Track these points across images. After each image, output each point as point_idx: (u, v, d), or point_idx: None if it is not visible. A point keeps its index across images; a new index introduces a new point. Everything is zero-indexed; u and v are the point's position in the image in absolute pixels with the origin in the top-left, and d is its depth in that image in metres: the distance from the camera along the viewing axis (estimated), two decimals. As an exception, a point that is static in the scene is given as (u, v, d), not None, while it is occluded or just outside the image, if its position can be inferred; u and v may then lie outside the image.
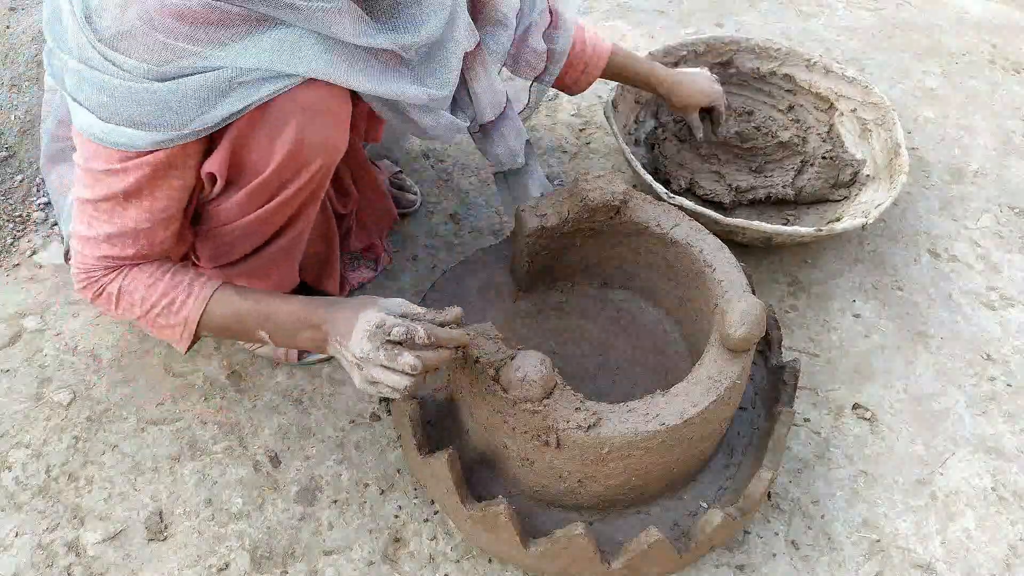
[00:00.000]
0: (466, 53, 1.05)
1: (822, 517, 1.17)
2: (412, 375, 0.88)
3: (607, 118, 1.49)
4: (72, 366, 1.28)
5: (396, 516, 1.14)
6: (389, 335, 0.88)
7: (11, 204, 1.52)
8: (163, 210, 0.93)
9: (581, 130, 1.78)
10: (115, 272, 0.96)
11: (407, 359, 0.87)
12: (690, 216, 1.30)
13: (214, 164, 0.92)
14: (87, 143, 0.87)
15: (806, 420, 1.28)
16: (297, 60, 0.84)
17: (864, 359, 1.38)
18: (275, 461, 1.19)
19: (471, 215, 1.56)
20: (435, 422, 1.14)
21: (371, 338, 0.88)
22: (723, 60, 1.70)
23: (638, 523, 1.05)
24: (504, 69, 1.21)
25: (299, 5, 0.81)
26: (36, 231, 1.46)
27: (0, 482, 1.15)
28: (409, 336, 0.88)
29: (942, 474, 1.23)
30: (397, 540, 1.11)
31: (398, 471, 1.18)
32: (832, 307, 1.46)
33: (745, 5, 2.21)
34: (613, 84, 1.50)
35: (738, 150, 1.57)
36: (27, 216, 1.49)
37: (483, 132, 1.21)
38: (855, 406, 1.31)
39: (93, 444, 1.19)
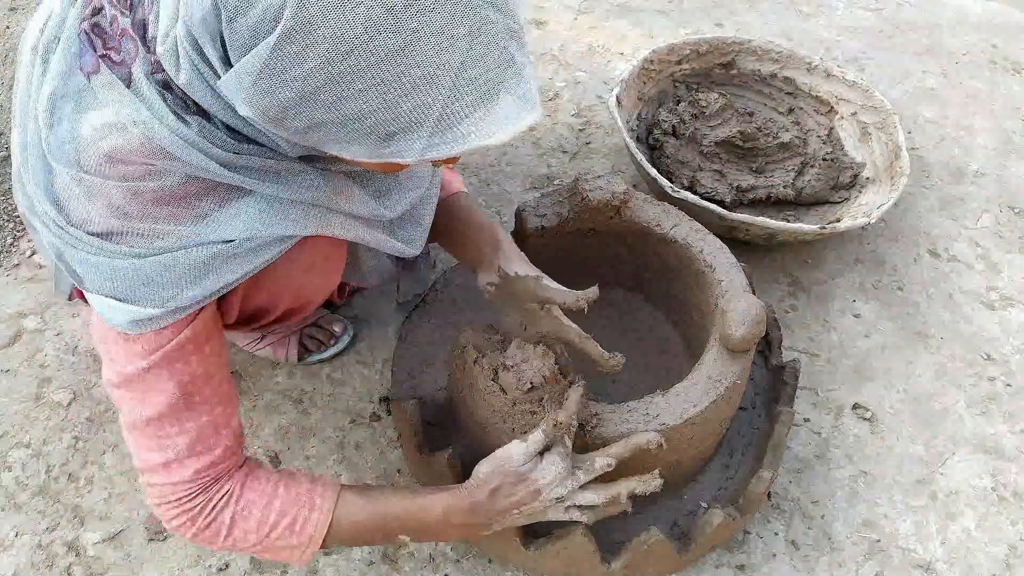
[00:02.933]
0: None
1: (822, 517, 1.17)
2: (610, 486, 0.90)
3: (612, 112, 1.49)
4: (72, 366, 1.28)
5: (396, 516, 1.13)
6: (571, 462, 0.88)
7: (11, 204, 1.52)
8: (222, 381, 0.83)
9: (581, 130, 1.78)
10: (215, 488, 0.83)
11: (601, 461, 0.89)
12: (695, 211, 1.31)
13: (227, 318, 0.91)
14: (101, 335, 0.80)
15: (806, 420, 1.28)
16: (286, 221, 0.78)
17: (864, 359, 1.38)
18: (275, 461, 1.19)
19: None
20: (435, 422, 1.14)
21: (566, 471, 0.87)
22: (726, 61, 1.70)
23: (638, 523, 1.05)
24: None
25: (282, 177, 0.76)
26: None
27: (0, 482, 1.15)
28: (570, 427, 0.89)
29: (942, 474, 1.23)
30: (397, 540, 1.11)
31: (398, 471, 1.18)
32: (832, 307, 1.46)
33: (745, 5, 2.21)
34: (615, 83, 1.50)
35: (739, 150, 1.57)
36: (27, 216, 1.49)
37: (400, 263, 1.17)
38: (855, 406, 1.31)
39: (93, 444, 1.19)
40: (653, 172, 1.39)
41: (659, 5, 2.19)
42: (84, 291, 0.77)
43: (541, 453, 0.88)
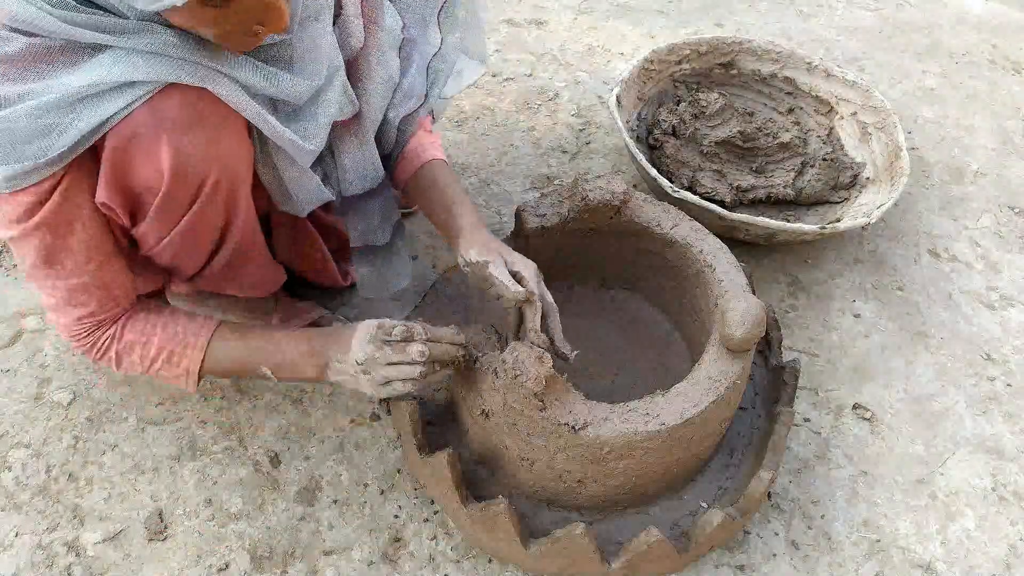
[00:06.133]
0: (340, 122, 1.01)
1: (822, 517, 1.17)
2: (421, 363, 0.93)
3: (612, 112, 1.49)
4: (72, 366, 1.28)
5: (396, 516, 1.14)
6: (390, 335, 0.93)
7: (11, 204, 1.52)
8: (88, 258, 0.92)
9: (581, 130, 1.78)
10: (101, 331, 0.98)
11: (415, 347, 0.92)
12: (695, 211, 1.31)
13: (101, 194, 0.88)
14: None
15: (806, 420, 1.28)
16: (137, 67, 0.79)
17: (864, 359, 1.38)
18: (275, 461, 1.19)
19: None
20: (435, 422, 1.14)
21: (372, 340, 0.93)
22: (725, 61, 1.70)
23: (638, 523, 1.05)
24: None
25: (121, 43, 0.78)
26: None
27: (0, 482, 1.15)
28: (408, 334, 0.93)
29: (942, 474, 1.23)
30: (397, 540, 1.11)
31: (398, 471, 1.18)
32: (832, 307, 1.45)
33: (745, 5, 2.21)
34: (615, 83, 1.50)
35: (739, 150, 1.57)
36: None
37: (346, 204, 1.15)
38: (855, 406, 1.31)
39: (93, 444, 1.19)
40: (653, 172, 1.39)
41: (659, 5, 2.19)
42: None
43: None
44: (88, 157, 0.85)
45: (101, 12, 0.78)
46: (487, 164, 1.68)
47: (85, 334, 0.98)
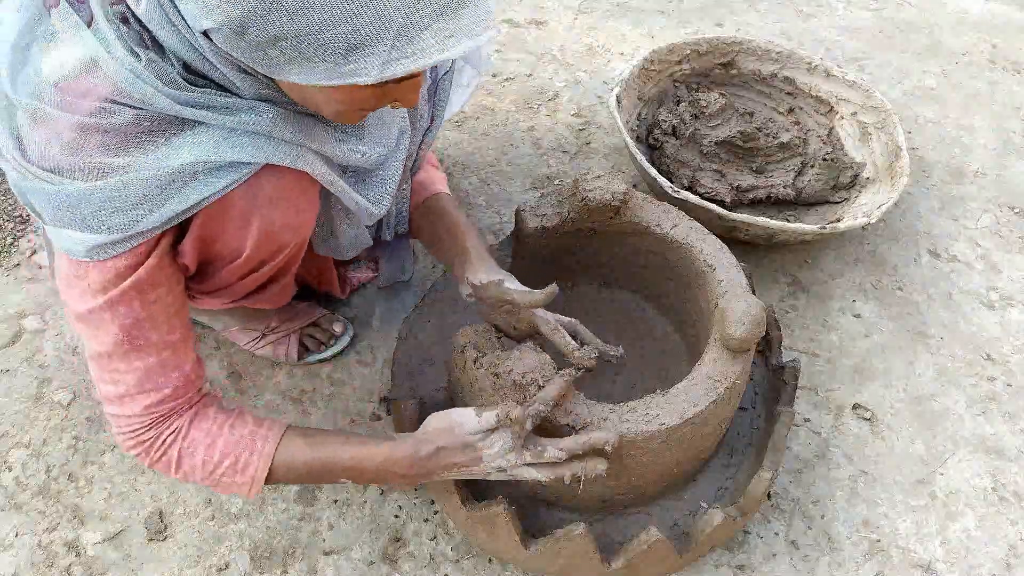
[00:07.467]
0: None
1: (822, 517, 1.17)
2: (560, 461, 0.89)
3: (612, 112, 1.48)
4: (72, 366, 1.28)
5: (396, 516, 1.14)
6: (523, 442, 0.88)
7: (11, 204, 1.52)
8: (171, 327, 0.86)
9: (581, 130, 1.78)
10: (164, 425, 0.88)
11: (552, 452, 0.88)
12: (695, 211, 1.31)
13: (184, 258, 0.88)
14: (60, 273, 0.83)
15: (806, 420, 1.28)
16: (240, 147, 0.79)
17: (864, 359, 1.38)
18: (275, 461, 1.19)
19: (471, 215, 1.56)
20: (435, 422, 1.14)
21: (512, 449, 0.88)
22: (726, 61, 1.70)
23: (638, 523, 1.05)
24: None
25: (226, 120, 0.76)
26: (36, 231, 1.46)
27: (0, 482, 1.15)
28: (536, 417, 0.88)
29: (942, 474, 1.23)
30: (397, 540, 1.11)
31: (398, 471, 1.18)
32: (832, 307, 1.46)
33: (745, 5, 2.21)
34: (615, 83, 1.50)
35: (739, 150, 1.57)
36: (27, 216, 1.49)
37: (380, 247, 1.15)
38: (855, 406, 1.31)
39: (93, 444, 1.19)
40: (653, 172, 1.39)
41: (659, 5, 2.19)
42: (46, 226, 0.79)
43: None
44: None
45: (214, 90, 0.76)
46: (487, 164, 1.68)
47: (150, 426, 0.88)
